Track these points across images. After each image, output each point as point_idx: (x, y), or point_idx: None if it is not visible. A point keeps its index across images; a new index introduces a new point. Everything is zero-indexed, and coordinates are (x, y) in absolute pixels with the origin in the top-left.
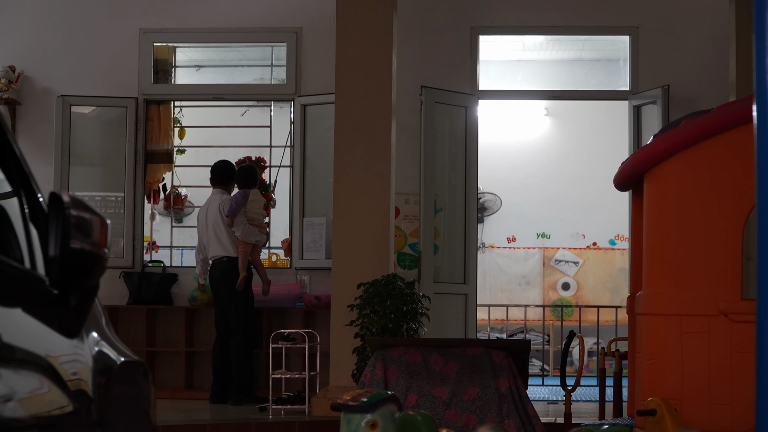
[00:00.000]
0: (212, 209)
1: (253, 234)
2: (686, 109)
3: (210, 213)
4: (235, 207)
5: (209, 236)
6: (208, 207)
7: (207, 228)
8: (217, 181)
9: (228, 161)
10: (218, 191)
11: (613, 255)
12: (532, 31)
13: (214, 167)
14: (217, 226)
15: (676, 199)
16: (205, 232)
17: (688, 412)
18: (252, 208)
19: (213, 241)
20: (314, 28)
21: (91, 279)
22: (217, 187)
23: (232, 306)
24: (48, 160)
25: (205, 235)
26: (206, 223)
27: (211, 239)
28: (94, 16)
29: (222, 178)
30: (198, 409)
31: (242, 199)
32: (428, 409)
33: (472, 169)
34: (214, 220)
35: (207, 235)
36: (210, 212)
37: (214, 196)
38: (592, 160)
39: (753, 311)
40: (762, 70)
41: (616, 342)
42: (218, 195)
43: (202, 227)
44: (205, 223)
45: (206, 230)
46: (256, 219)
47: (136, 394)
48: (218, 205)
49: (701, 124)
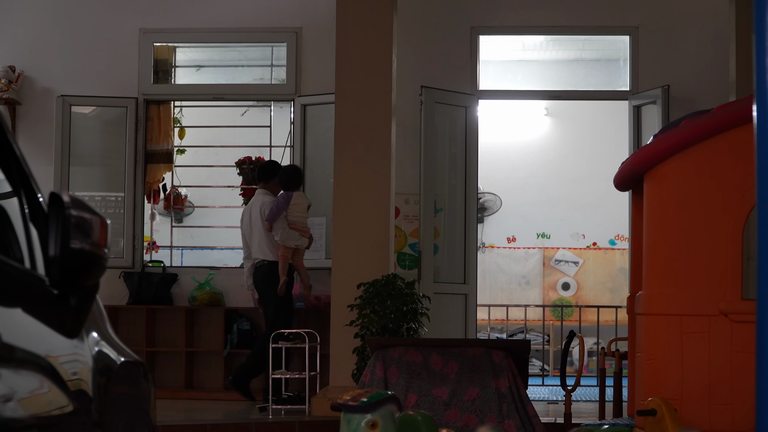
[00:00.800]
0: (255, 210)
1: (292, 238)
2: (686, 109)
3: (253, 214)
4: (275, 211)
5: (252, 237)
6: (251, 207)
7: (251, 229)
8: (260, 178)
9: (275, 161)
10: (262, 191)
11: (613, 255)
12: (532, 31)
13: (260, 166)
14: (257, 228)
15: (676, 199)
16: (249, 233)
17: (688, 412)
18: (294, 211)
19: (255, 243)
20: (314, 28)
21: (91, 279)
22: (261, 185)
23: (270, 308)
24: (48, 160)
25: (249, 235)
26: (249, 224)
27: (253, 241)
28: (94, 16)
29: (264, 175)
30: (198, 409)
31: (284, 202)
32: (428, 409)
33: (472, 169)
34: (254, 222)
35: (250, 236)
36: (253, 213)
37: (257, 196)
38: (592, 160)
39: (753, 311)
40: (762, 70)
41: (616, 342)
42: (261, 196)
43: (245, 227)
44: (249, 223)
45: (249, 231)
46: (298, 222)
47: (136, 394)
48: (260, 206)
49: (701, 124)
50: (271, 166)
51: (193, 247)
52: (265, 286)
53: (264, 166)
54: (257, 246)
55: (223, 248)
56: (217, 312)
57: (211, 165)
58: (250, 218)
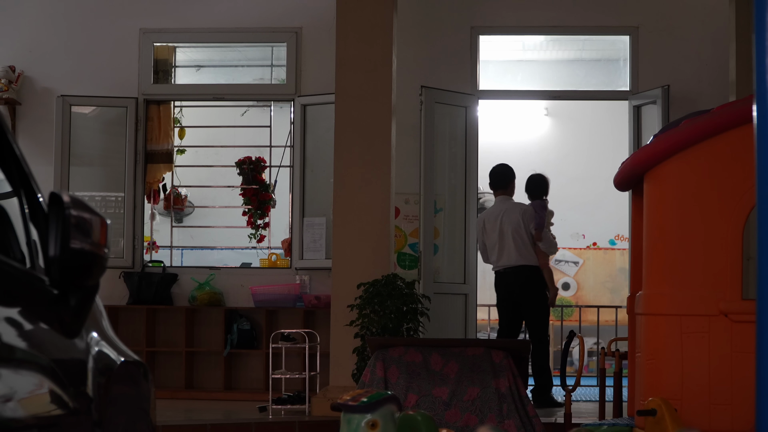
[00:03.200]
0: (511, 217)
1: (554, 246)
2: (686, 109)
3: (508, 220)
4: (543, 220)
5: (504, 243)
6: (502, 214)
7: (502, 235)
8: (500, 184)
9: (506, 164)
10: (506, 197)
11: (613, 255)
12: (532, 31)
13: (495, 172)
14: (518, 234)
15: (676, 199)
16: (497, 239)
17: (688, 412)
18: (548, 219)
19: (510, 250)
20: (314, 28)
21: (91, 279)
22: (501, 191)
23: (534, 314)
24: (48, 160)
25: (497, 241)
26: (500, 230)
27: (506, 247)
28: (94, 16)
29: (504, 181)
30: (198, 409)
31: (543, 211)
32: (428, 409)
33: (472, 169)
34: (515, 229)
35: (500, 242)
36: (508, 219)
37: (508, 203)
38: (592, 160)
39: (753, 311)
40: (762, 70)
41: (616, 342)
42: (508, 202)
43: (491, 232)
44: (498, 229)
45: (499, 237)
46: (551, 230)
47: (136, 394)
48: (520, 214)
49: (701, 124)
50: (508, 171)
51: (193, 247)
52: (532, 289)
53: (502, 172)
54: (515, 252)
55: (223, 248)
56: (217, 312)
57: (211, 165)
58: (500, 223)
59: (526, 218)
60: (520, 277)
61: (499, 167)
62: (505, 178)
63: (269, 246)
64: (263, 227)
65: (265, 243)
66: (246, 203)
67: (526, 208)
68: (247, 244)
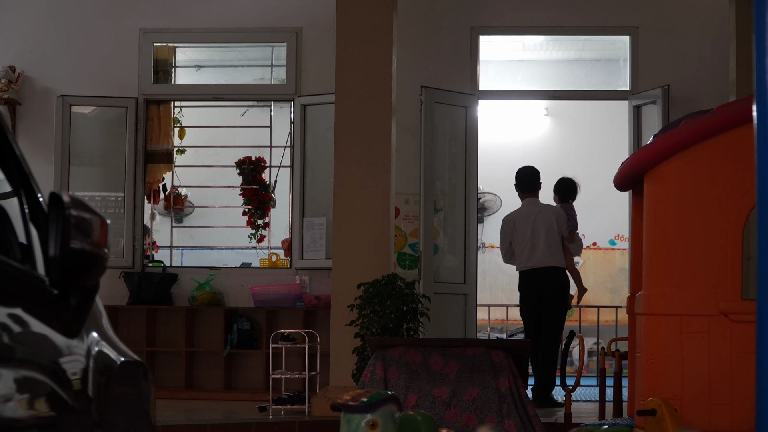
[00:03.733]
0: (545, 219)
1: (582, 247)
2: (686, 109)
3: (541, 222)
4: (576, 223)
5: (536, 244)
6: (534, 216)
7: (535, 236)
8: (532, 187)
9: (533, 167)
10: (533, 200)
11: (613, 255)
12: (532, 31)
13: (525, 175)
14: (551, 236)
15: (676, 199)
16: (528, 240)
17: (688, 412)
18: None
19: (542, 250)
20: (314, 28)
21: (91, 279)
22: (531, 193)
23: (556, 315)
24: (48, 160)
25: (528, 242)
26: (532, 231)
27: (539, 248)
28: (94, 16)
29: (535, 183)
30: (198, 409)
31: (574, 213)
32: (428, 409)
33: (472, 169)
34: (548, 231)
35: (531, 243)
36: (541, 221)
37: (539, 205)
38: (592, 160)
39: (753, 311)
40: (762, 70)
41: (616, 342)
42: (542, 204)
43: (522, 233)
44: (530, 230)
45: (531, 238)
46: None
47: (136, 394)
48: (553, 216)
49: (701, 124)
50: (537, 174)
51: (193, 247)
52: (560, 290)
53: (532, 175)
54: (547, 253)
55: (223, 248)
56: (217, 312)
57: (211, 165)
58: (533, 224)
59: (559, 220)
60: (550, 278)
61: (528, 170)
62: (535, 181)
63: (269, 246)
64: (263, 227)
65: (265, 243)
66: (246, 203)
67: (558, 210)
68: (247, 244)
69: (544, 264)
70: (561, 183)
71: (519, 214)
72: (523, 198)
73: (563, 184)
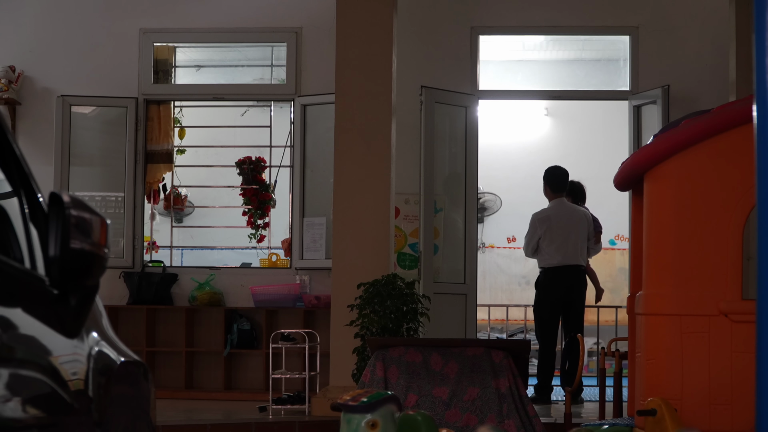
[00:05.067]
0: (578, 219)
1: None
2: (686, 109)
3: (578, 221)
4: (600, 225)
5: (569, 242)
6: (570, 215)
7: (569, 234)
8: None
9: (563, 167)
10: (563, 200)
11: (613, 255)
12: (532, 31)
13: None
14: (582, 236)
15: (676, 199)
16: (563, 237)
17: (688, 412)
18: None
19: (575, 249)
20: (314, 28)
21: (91, 279)
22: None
23: (580, 311)
24: (48, 160)
25: (563, 240)
26: (568, 229)
27: (572, 246)
28: (94, 16)
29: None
30: (198, 409)
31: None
32: (428, 409)
33: (472, 169)
34: (581, 230)
35: (566, 241)
36: (578, 221)
37: (570, 205)
38: (591, 160)
39: (753, 311)
40: (762, 70)
41: (616, 342)
42: (573, 205)
43: (558, 231)
44: (566, 228)
45: (566, 236)
46: None
47: (136, 394)
48: (584, 217)
49: (701, 124)
50: (567, 174)
51: (193, 247)
52: (584, 288)
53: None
54: (579, 251)
55: (223, 248)
56: (217, 312)
57: (211, 165)
58: (567, 223)
59: (589, 222)
60: (579, 276)
61: (559, 170)
62: (566, 181)
63: (269, 246)
64: (263, 227)
65: (265, 243)
66: (246, 203)
67: (586, 212)
68: (247, 244)
69: (574, 262)
70: (572, 187)
71: (554, 212)
72: (551, 198)
73: (573, 187)
